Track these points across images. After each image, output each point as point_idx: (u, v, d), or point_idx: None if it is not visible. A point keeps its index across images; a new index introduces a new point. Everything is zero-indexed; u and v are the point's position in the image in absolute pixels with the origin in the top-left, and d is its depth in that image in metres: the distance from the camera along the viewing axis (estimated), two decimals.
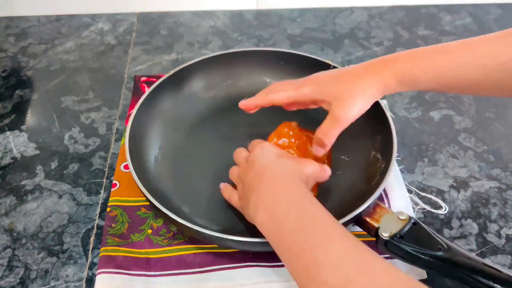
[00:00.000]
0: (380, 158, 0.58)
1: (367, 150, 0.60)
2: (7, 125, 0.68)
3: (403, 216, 0.48)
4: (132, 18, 0.88)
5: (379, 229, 0.48)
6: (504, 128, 0.68)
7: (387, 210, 0.50)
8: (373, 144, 0.60)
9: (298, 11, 0.90)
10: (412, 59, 0.50)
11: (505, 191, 0.60)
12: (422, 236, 0.47)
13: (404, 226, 0.48)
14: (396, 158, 0.57)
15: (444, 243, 0.46)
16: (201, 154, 0.62)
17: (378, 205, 0.51)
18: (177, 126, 0.64)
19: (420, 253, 0.45)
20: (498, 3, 0.92)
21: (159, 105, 0.64)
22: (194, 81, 0.68)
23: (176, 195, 0.57)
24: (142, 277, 0.50)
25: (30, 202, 0.58)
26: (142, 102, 0.60)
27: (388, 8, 0.91)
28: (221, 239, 0.48)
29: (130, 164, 0.53)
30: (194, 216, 0.54)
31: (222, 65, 0.68)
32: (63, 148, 0.65)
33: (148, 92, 0.62)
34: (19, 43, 0.82)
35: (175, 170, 0.60)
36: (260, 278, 0.51)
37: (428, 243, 0.46)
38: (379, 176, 0.55)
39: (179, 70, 0.65)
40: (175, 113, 0.65)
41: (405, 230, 0.47)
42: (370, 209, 0.50)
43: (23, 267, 0.52)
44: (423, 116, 0.70)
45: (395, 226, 0.48)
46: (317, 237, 0.39)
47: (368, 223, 0.50)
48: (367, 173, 0.58)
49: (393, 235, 0.47)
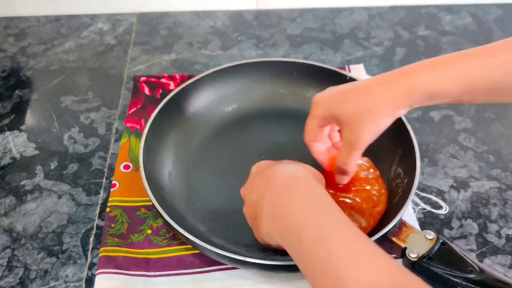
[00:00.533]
0: (402, 173, 0.55)
1: (387, 164, 0.57)
2: (6, 125, 0.68)
3: (430, 235, 0.47)
4: (132, 18, 0.88)
5: (406, 250, 0.46)
6: (504, 128, 0.68)
7: (414, 230, 0.48)
8: (394, 158, 0.58)
9: (298, 11, 0.90)
10: (430, 68, 0.45)
11: (505, 191, 0.60)
12: (452, 257, 0.45)
13: (432, 246, 0.46)
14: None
15: (476, 265, 0.44)
16: (215, 169, 0.60)
17: (404, 224, 0.49)
18: (190, 139, 0.62)
19: (451, 275, 0.44)
20: (498, 3, 0.92)
21: (172, 119, 0.62)
22: (206, 94, 0.66)
23: (191, 212, 0.55)
24: (141, 277, 0.50)
25: (30, 202, 0.58)
26: (154, 118, 0.58)
27: (388, 8, 0.91)
28: (244, 263, 0.46)
29: (145, 181, 0.51)
30: (211, 235, 0.53)
31: (235, 76, 0.66)
32: (63, 148, 0.65)
33: (161, 106, 0.60)
34: (19, 43, 0.82)
35: (189, 186, 0.58)
36: (260, 278, 0.51)
37: (459, 265, 0.44)
38: (401, 192, 0.53)
39: (191, 83, 0.63)
40: (188, 126, 0.63)
41: (433, 250, 0.46)
42: (396, 229, 0.48)
43: (23, 267, 0.52)
44: (423, 116, 0.70)
45: (423, 247, 0.46)
46: (340, 253, 0.35)
47: (394, 243, 0.48)
48: (389, 190, 0.55)
49: (421, 256, 0.46)
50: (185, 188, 0.58)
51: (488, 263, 0.53)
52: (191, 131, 0.63)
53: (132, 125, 0.66)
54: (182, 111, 0.64)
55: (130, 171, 0.60)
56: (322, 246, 0.36)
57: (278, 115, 0.67)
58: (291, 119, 0.65)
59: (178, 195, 0.56)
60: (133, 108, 0.69)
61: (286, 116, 0.66)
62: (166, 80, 0.74)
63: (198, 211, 0.55)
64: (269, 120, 0.66)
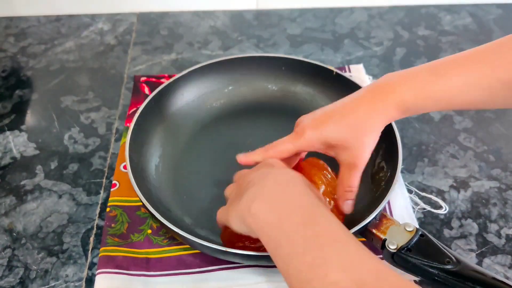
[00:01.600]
0: (385, 166, 0.56)
1: (371, 158, 0.58)
2: (7, 125, 0.68)
3: (410, 227, 0.47)
4: (132, 18, 0.88)
5: (386, 241, 0.47)
6: (504, 128, 0.68)
7: (394, 222, 0.49)
8: (378, 152, 0.58)
9: (298, 11, 0.90)
10: (412, 87, 0.47)
11: (505, 191, 0.60)
12: (430, 248, 0.46)
13: (411, 238, 0.47)
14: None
15: (453, 256, 0.45)
16: (202, 163, 0.61)
17: (384, 216, 0.50)
18: (178, 133, 0.63)
19: (428, 266, 0.45)
20: (498, 3, 0.92)
21: (160, 112, 0.63)
22: (195, 88, 0.66)
23: (177, 205, 0.56)
24: (141, 277, 0.50)
25: (30, 202, 0.58)
26: (142, 110, 0.59)
27: (388, 8, 0.91)
28: (226, 253, 0.46)
29: (130, 174, 0.52)
30: (196, 227, 0.53)
31: (223, 71, 0.67)
32: (63, 148, 0.65)
33: (149, 99, 0.61)
34: (19, 43, 0.82)
35: (176, 179, 0.59)
36: (261, 278, 0.51)
37: (436, 256, 0.45)
38: (384, 186, 0.54)
39: (180, 77, 0.64)
40: (176, 120, 0.64)
41: (412, 242, 0.46)
42: (377, 221, 0.49)
43: (23, 267, 0.52)
44: (423, 116, 0.70)
45: (402, 238, 0.47)
46: (328, 236, 0.36)
47: (374, 235, 0.48)
48: (372, 182, 0.57)
49: (400, 248, 0.46)
50: (172, 181, 0.59)
51: (488, 263, 0.53)
52: (179, 125, 0.64)
53: None
54: (170, 105, 0.64)
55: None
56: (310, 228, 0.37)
57: (265, 110, 0.67)
58: (278, 114, 0.66)
59: (164, 187, 0.57)
60: (133, 108, 0.69)
61: (273, 111, 0.67)
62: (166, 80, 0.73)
63: (184, 203, 0.56)
64: (257, 115, 0.67)
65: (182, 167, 0.60)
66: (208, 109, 0.67)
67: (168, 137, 0.62)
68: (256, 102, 0.68)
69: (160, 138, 0.62)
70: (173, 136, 0.63)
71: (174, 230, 0.48)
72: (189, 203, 0.56)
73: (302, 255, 0.36)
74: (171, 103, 0.64)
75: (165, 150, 0.61)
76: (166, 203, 0.55)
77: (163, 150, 0.61)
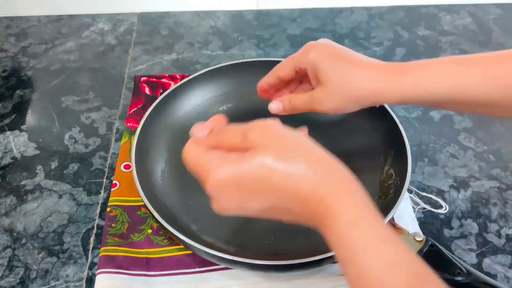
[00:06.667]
0: (394, 174, 0.55)
1: (379, 166, 0.57)
2: (7, 125, 0.68)
3: (419, 237, 0.47)
4: (133, 18, 0.88)
5: None
6: (504, 128, 0.68)
7: (403, 231, 0.48)
8: (386, 159, 0.57)
9: (298, 11, 0.90)
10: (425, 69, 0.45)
11: (505, 191, 0.60)
12: (440, 259, 0.45)
13: (421, 248, 0.46)
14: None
15: (464, 268, 0.44)
16: None
17: (394, 226, 0.49)
18: (185, 138, 0.62)
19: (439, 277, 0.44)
20: (498, 3, 0.92)
21: (167, 117, 0.62)
22: (202, 92, 0.66)
23: (183, 211, 0.55)
24: (142, 277, 0.50)
25: (30, 202, 0.58)
26: (149, 114, 0.59)
27: (388, 8, 0.91)
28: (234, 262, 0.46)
29: (136, 179, 0.51)
30: (203, 234, 0.52)
31: (230, 75, 0.66)
32: (63, 148, 0.65)
33: (155, 103, 0.60)
34: (20, 43, 0.82)
35: (182, 184, 0.58)
36: (261, 278, 0.51)
37: (447, 267, 0.45)
38: (392, 193, 0.53)
39: (187, 81, 0.64)
40: (182, 125, 0.63)
41: (422, 252, 0.46)
42: None
43: (23, 267, 0.52)
44: (423, 116, 0.70)
45: (412, 248, 0.46)
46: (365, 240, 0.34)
47: None
48: (381, 190, 0.56)
49: None
50: (178, 186, 0.58)
51: (488, 263, 0.53)
52: (185, 130, 0.62)
53: (133, 125, 0.66)
54: (176, 109, 0.64)
55: (130, 171, 0.60)
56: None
57: (272, 114, 0.67)
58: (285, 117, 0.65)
59: (170, 193, 0.57)
60: (133, 108, 0.69)
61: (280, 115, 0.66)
62: (166, 80, 0.74)
63: (190, 209, 0.55)
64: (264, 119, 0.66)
65: (188, 172, 0.60)
66: (215, 113, 0.65)
67: (175, 142, 0.61)
68: (263, 106, 0.67)
69: (166, 143, 0.61)
70: (179, 140, 0.61)
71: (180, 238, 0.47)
72: (195, 209, 0.55)
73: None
74: (178, 107, 0.64)
75: (171, 154, 0.60)
76: (172, 209, 0.54)
77: (169, 155, 0.60)
